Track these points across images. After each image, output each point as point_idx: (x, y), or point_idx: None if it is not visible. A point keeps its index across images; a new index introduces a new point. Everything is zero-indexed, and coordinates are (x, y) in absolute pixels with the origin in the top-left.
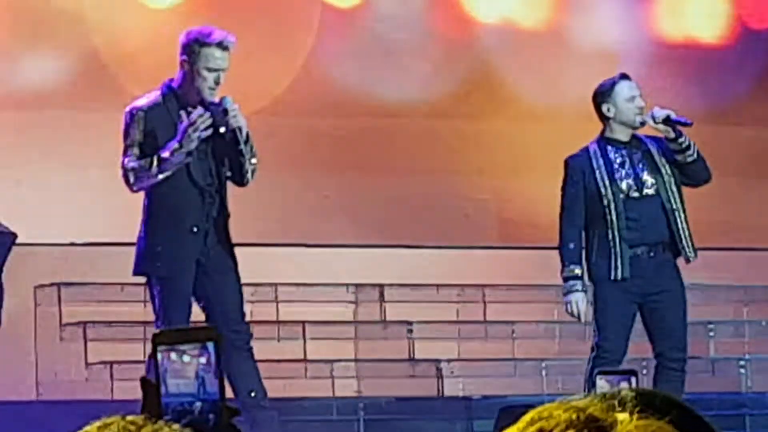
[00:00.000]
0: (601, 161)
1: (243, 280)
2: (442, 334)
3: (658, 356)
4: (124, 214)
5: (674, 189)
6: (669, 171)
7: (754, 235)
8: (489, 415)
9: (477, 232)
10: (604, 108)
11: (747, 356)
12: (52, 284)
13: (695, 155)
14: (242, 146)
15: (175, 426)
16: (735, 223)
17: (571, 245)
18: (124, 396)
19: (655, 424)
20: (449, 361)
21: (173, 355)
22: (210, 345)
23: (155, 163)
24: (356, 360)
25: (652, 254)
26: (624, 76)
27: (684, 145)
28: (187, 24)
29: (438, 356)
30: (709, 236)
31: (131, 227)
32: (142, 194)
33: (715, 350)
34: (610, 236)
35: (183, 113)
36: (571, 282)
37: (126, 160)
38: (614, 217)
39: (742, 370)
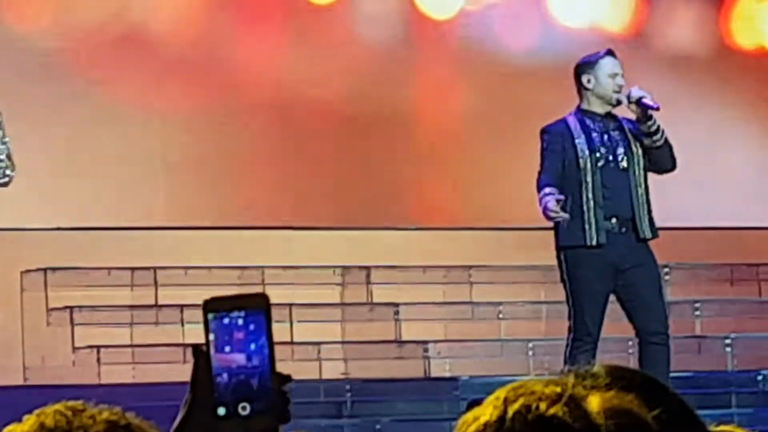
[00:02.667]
0: (579, 130)
1: (229, 263)
2: (429, 316)
3: (639, 333)
4: (111, 198)
5: (642, 170)
6: (639, 152)
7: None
8: (476, 396)
9: (460, 213)
10: (584, 79)
11: (732, 335)
12: (38, 269)
13: (662, 141)
14: None
15: (116, 409)
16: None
17: (548, 180)
18: (111, 380)
19: (621, 397)
20: (436, 342)
21: (223, 322)
22: (260, 311)
23: None
24: (343, 342)
25: (624, 229)
26: (610, 53)
27: (652, 129)
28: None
29: (424, 338)
30: (695, 216)
31: (118, 211)
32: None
33: (701, 329)
34: (584, 202)
35: None
36: (543, 194)
37: None
38: (590, 184)
39: (728, 349)
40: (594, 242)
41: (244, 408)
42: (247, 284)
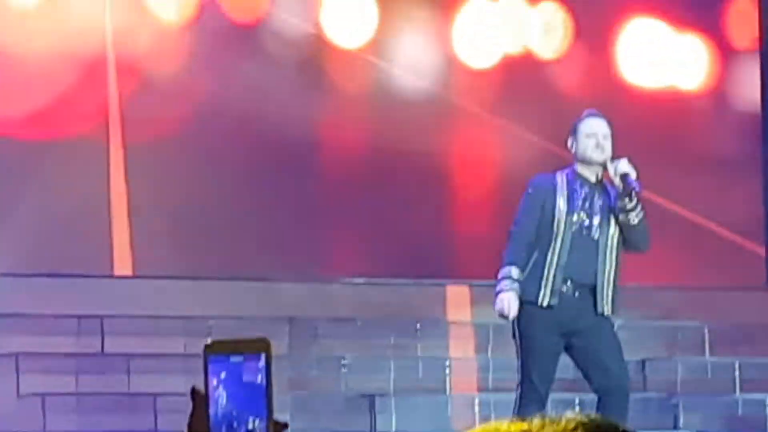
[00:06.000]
0: (565, 189)
1: (177, 313)
2: (376, 369)
3: (598, 392)
4: (59, 244)
5: (614, 245)
6: (616, 228)
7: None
8: None
9: (408, 266)
10: (569, 142)
11: (680, 395)
12: None
13: (637, 220)
14: None
15: None
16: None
17: (518, 247)
18: (56, 428)
19: None
20: (382, 396)
21: (223, 365)
22: (260, 356)
23: None
24: (290, 393)
25: (577, 294)
26: (593, 114)
27: (628, 207)
28: None
29: (371, 391)
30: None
31: (66, 257)
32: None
33: (649, 388)
34: (548, 261)
35: None
36: (506, 281)
37: None
38: (558, 245)
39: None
40: (545, 303)
41: None
42: (192, 335)
